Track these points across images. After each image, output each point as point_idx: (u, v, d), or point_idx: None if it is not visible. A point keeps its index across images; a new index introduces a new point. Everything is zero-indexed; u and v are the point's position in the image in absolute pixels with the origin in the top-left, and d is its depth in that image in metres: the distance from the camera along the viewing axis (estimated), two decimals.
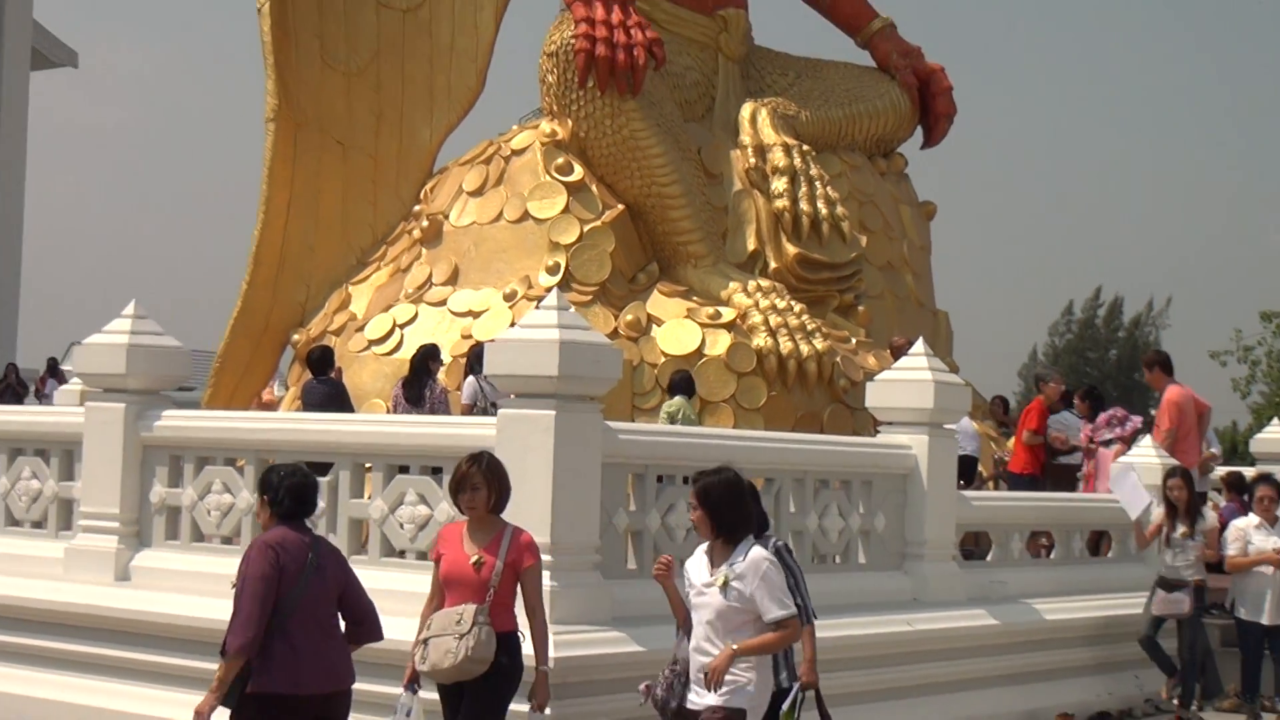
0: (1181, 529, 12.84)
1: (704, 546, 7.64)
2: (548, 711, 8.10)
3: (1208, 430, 17.73)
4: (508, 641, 7.89)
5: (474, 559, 7.95)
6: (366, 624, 7.82)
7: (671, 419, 13.28)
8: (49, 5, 36.75)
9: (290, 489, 7.63)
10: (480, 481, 8.09)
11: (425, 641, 7.88)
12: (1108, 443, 16.27)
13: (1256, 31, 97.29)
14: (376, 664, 8.90)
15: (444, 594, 8.06)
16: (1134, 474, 13.57)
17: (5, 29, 34.59)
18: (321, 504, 10.29)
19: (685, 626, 7.74)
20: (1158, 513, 13.15)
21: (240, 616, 7.33)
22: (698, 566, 7.59)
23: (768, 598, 7.36)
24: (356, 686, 7.88)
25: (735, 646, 7.33)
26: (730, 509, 7.54)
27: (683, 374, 13.93)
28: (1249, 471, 18.82)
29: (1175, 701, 13.22)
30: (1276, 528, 12.71)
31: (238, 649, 7.26)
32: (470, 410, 13.62)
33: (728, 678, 7.33)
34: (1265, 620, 12.63)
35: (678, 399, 13.71)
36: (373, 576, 10.31)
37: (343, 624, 7.75)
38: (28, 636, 11.41)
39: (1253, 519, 13.02)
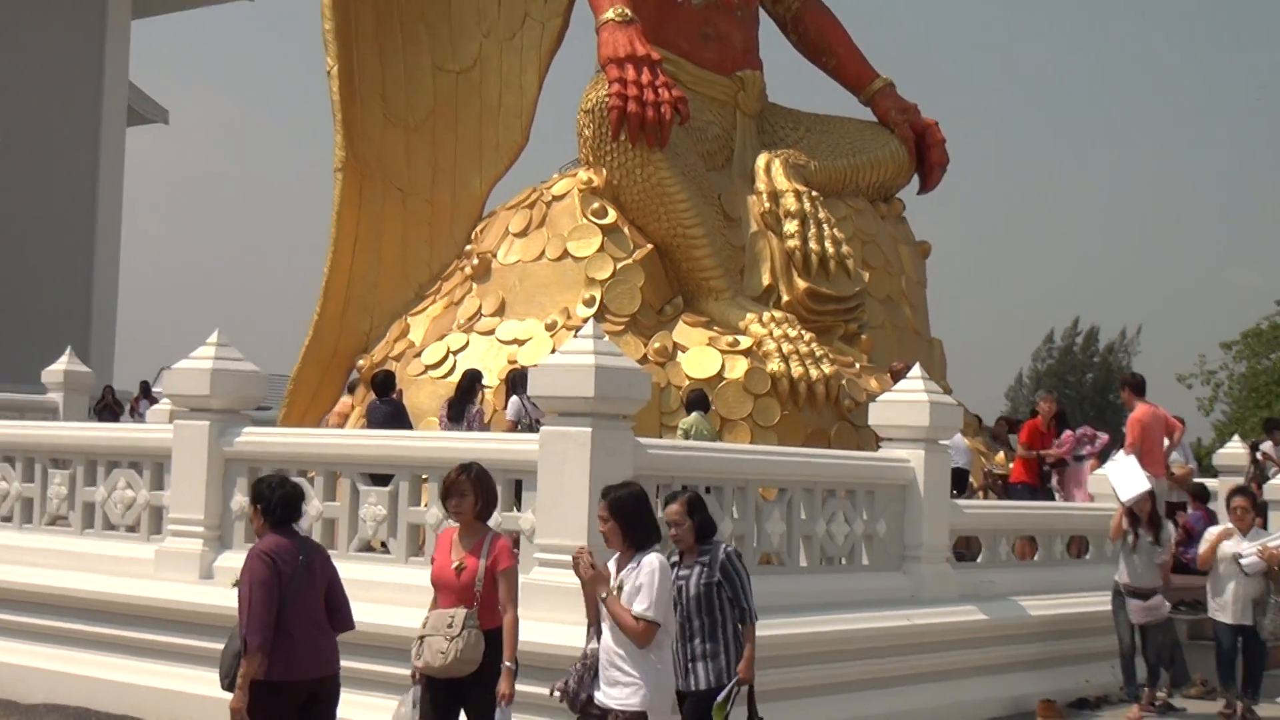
0: (1148, 538, 12.74)
1: (616, 556, 7.49)
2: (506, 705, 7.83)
3: (1182, 446, 17.69)
4: (497, 638, 7.78)
5: (455, 564, 7.89)
6: (342, 614, 7.94)
7: (686, 434, 13.26)
8: (143, 67, 36.85)
9: (281, 498, 7.83)
10: (468, 489, 7.95)
11: (421, 639, 7.84)
12: (1080, 458, 16.27)
13: (1220, 88, 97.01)
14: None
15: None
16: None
17: (105, 90, 34.72)
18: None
19: (595, 624, 7.52)
20: (1117, 518, 12.98)
21: (254, 620, 7.47)
22: (612, 570, 7.44)
23: (643, 593, 7.19)
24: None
25: (604, 595, 7.26)
26: (637, 521, 7.42)
27: (698, 393, 13.92)
28: (1212, 483, 18.75)
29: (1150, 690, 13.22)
30: (1250, 535, 12.48)
31: (258, 646, 7.44)
32: (514, 427, 13.63)
33: (626, 677, 7.24)
34: (1231, 620, 12.39)
35: (693, 415, 13.69)
36: (414, 572, 10.36)
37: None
38: (123, 629, 11.44)
39: (1227, 526, 12.82)
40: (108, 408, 24.31)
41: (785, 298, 15.10)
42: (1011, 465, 16.89)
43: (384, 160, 15.92)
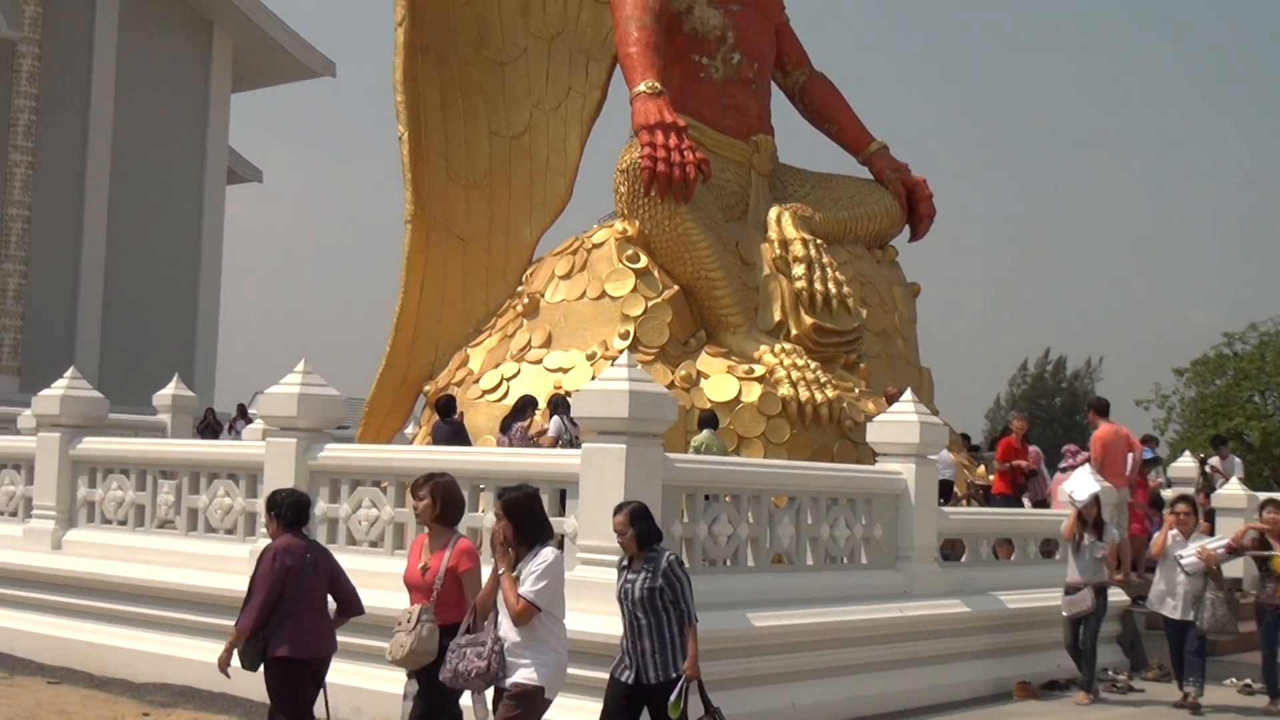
0: (1093, 538, 12.65)
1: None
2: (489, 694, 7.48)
3: (1141, 462, 17.65)
4: (453, 633, 7.47)
5: (420, 565, 7.83)
6: (352, 603, 8.32)
7: (698, 450, 13.22)
8: (241, 133, 37.09)
9: (291, 505, 8.23)
10: (425, 494, 7.84)
11: (393, 634, 7.80)
12: (1064, 470, 16.19)
13: (1173, 143, 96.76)
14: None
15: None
16: (1087, 471, 13.59)
17: (208, 153, 34.96)
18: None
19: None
20: (1077, 507, 12.84)
21: (253, 603, 7.90)
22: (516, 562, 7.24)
23: (532, 579, 7.03)
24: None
25: (501, 572, 7.14)
26: (529, 519, 7.25)
27: (708, 413, 13.92)
28: (1167, 493, 18.66)
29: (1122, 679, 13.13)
30: (1191, 538, 12.32)
31: (244, 627, 7.87)
32: (555, 443, 13.63)
33: (524, 659, 7.08)
34: (1176, 615, 12.19)
35: (705, 433, 13.67)
36: (483, 572, 10.35)
37: (333, 603, 8.27)
38: (221, 618, 11.44)
39: (1173, 531, 12.59)
40: (209, 427, 24.40)
41: (794, 331, 15.09)
42: (992, 478, 16.88)
43: (447, 213, 15.97)
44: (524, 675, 7.06)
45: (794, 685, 10.70)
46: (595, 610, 9.49)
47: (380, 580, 10.71)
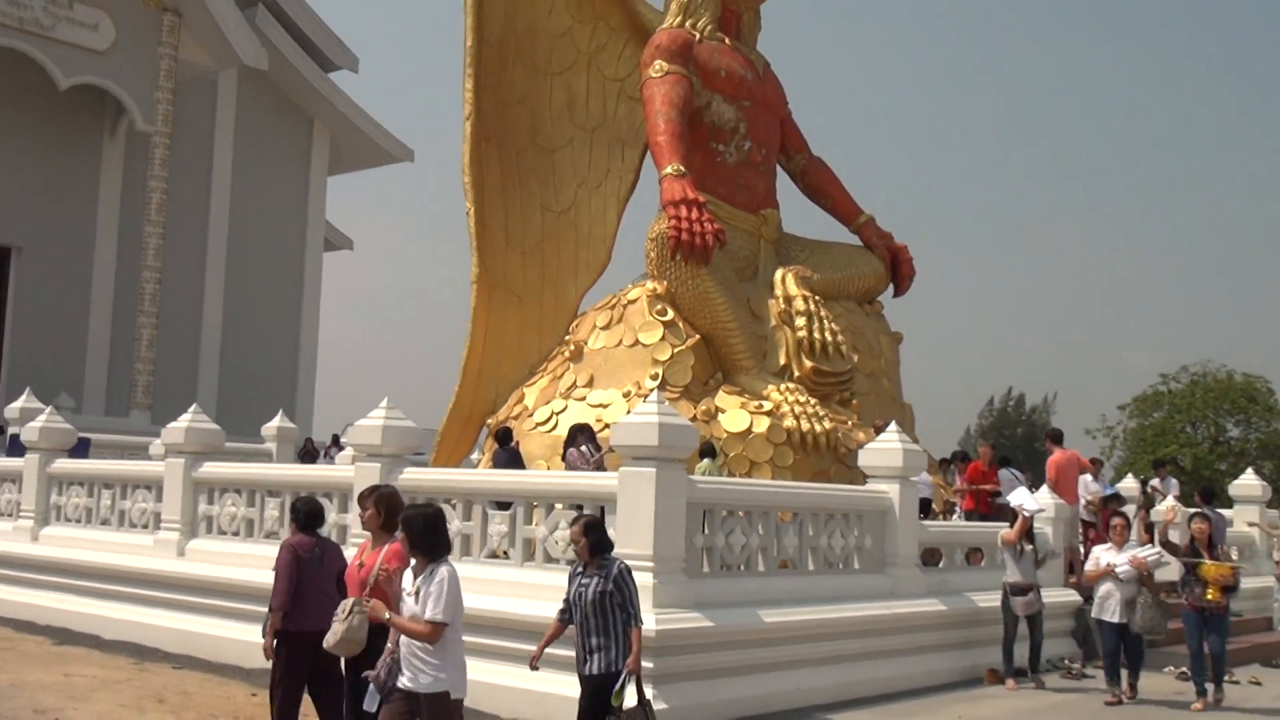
0: (1030, 547, 12.56)
1: (413, 564, 6.67)
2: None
3: (1102, 480, 17.59)
4: (384, 627, 6.91)
5: (359, 563, 7.65)
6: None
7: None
8: (335, 208, 37.42)
9: (305, 512, 8.47)
10: (370, 504, 7.69)
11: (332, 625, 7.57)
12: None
13: (1119, 209, 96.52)
14: (497, 628, 8.98)
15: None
16: (1025, 490, 13.63)
17: (308, 226, 35.26)
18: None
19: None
20: (1026, 518, 12.71)
21: (279, 587, 8.07)
22: (408, 576, 6.67)
23: (434, 600, 6.36)
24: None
25: (387, 616, 6.59)
26: (428, 534, 6.57)
27: (707, 444, 13.81)
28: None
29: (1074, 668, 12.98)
30: (1125, 548, 11.98)
31: (278, 606, 8.03)
32: (573, 467, 13.61)
33: (428, 666, 6.40)
34: (1115, 619, 11.74)
35: (705, 461, 13.60)
36: (535, 575, 10.34)
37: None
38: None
39: (1107, 544, 12.31)
40: (308, 453, 24.50)
41: (797, 373, 15.08)
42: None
43: (506, 274, 16.04)
44: (433, 684, 6.40)
45: (798, 671, 10.66)
46: None
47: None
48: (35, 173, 29.36)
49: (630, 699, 7.63)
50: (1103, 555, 12.09)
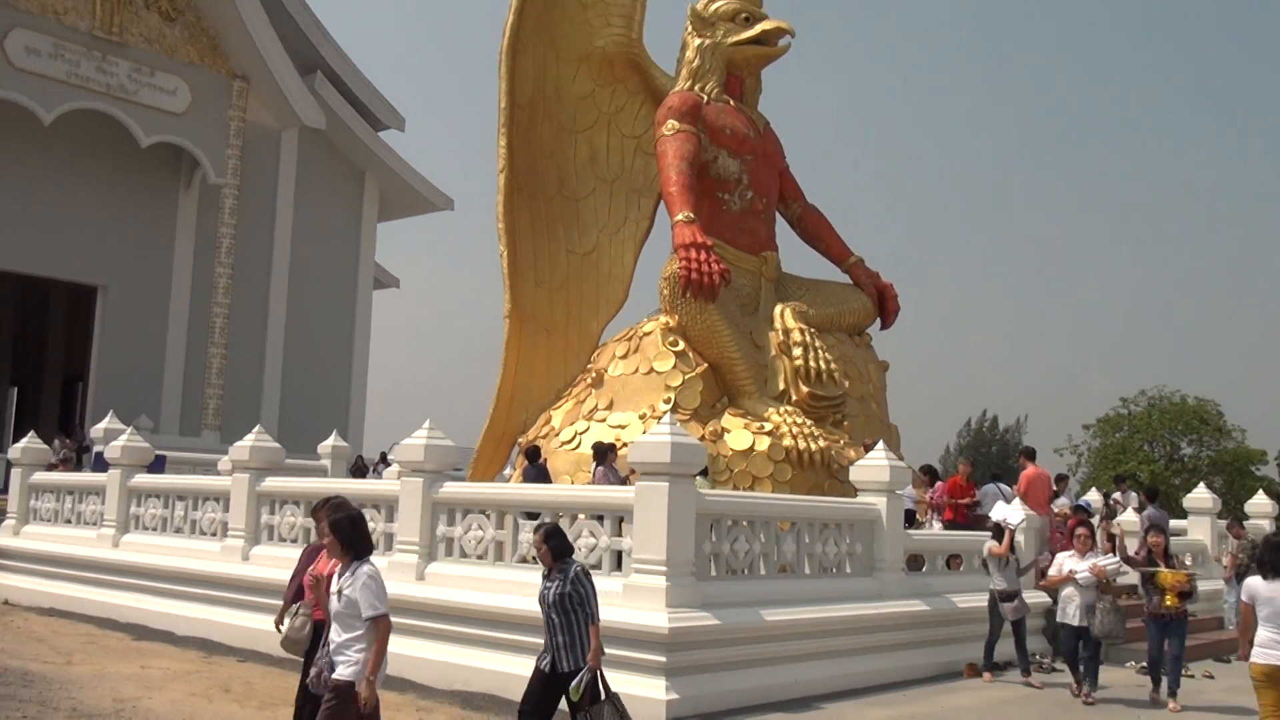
0: (1012, 557, 12.47)
1: (335, 564, 6.40)
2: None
3: (1069, 494, 17.46)
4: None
5: (311, 569, 7.34)
6: None
7: None
8: (384, 250, 37.61)
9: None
10: (322, 516, 7.17)
11: None
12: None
13: (1081, 248, 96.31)
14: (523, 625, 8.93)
15: None
16: (1019, 504, 13.50)
17: (359, 267, 35.43)
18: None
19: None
20: (1010, 530, 12.60)
21: (293, 584, 8.16)
22: (335, 576, 6.32)
23: (363, 601, 6.02)
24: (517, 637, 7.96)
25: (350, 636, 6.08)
26: (354, 535, 6.25)
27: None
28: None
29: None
30: (1087, 556, 11.61)
31: (287, 598, 8.08)
32: (601, 482, 13.58)
33: (345, 656, 6.03)
34: (1075, 622, 11.36)
35: (698, 478, 13.53)
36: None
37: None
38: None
39: (1070, 551, 11.90)
40: (358, 469, 24.54)
41: (794, 397, 15.03)
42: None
43: (535, 310, 16.07)
44: (341, 672, 6.05)
45: (796, 665, 10.60)
46: (644, 608, 9.46)
47: (485, 585, 10.72)
48: (119, 220, 29.60)
49: (599, 695, 7.39)
50: (1065, 561, 11.73)
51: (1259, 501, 20.75)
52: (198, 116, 29.23)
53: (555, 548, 7.61)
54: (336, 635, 6.11)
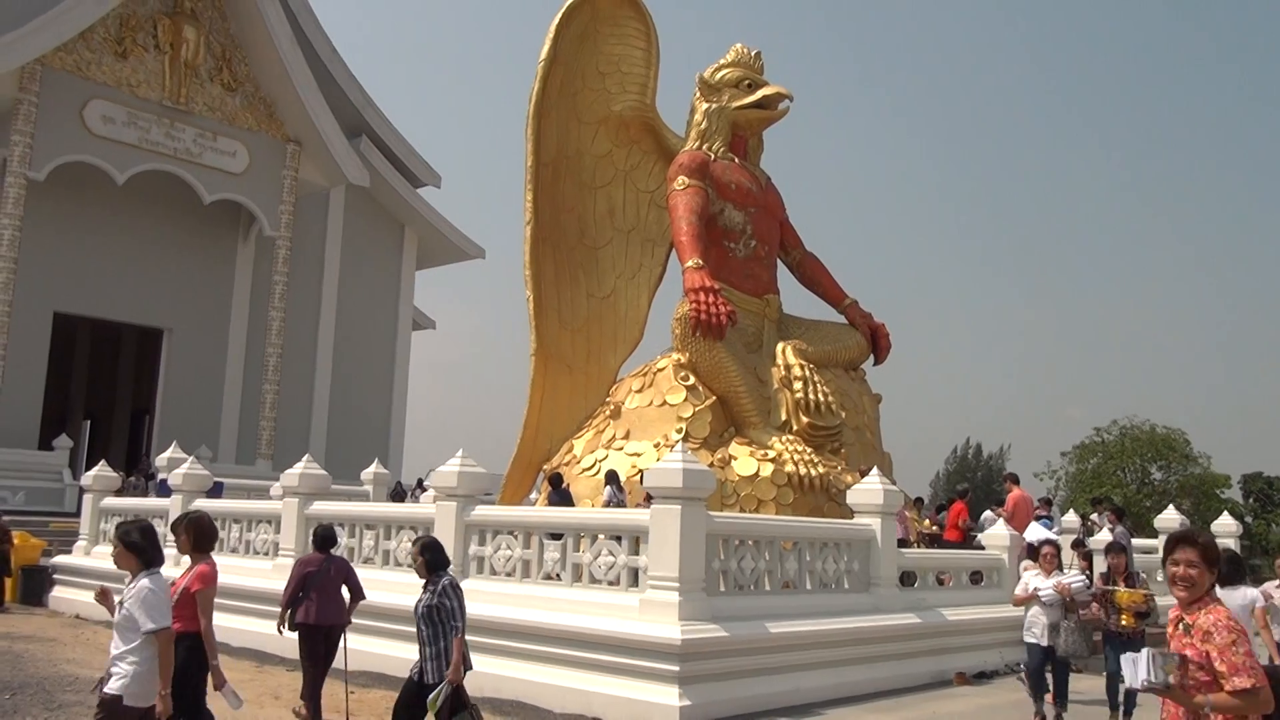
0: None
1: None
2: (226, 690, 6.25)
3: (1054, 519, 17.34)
4: (186, 639, 6.25)
5: (172, 581, 6.90)
6: (357, 593, 8.95)
7: None
8: (422, 294, 37.77)
9: (320, 537, 9.20)
10: (180, 530, 6.82)
11: None
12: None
13: (1054, 288, 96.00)
14: (552, 637, 8.84)
15: None
16: (1043, 528, 13.25)
17: (399, 310, 35.58)
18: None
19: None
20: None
21: (285, 593, 8.89)
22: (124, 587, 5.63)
23: (142, 614, 5.34)
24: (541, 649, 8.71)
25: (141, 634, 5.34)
26: (144, 545, 5.56)
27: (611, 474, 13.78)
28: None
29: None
30: (1053, 575, 10.40)
31: (282, 604, 8.84)
32: (608, 504, 13.56)
33: (116, 669, 5.35)
34: (1042, 641, 10.16)
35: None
36: (582, 594, 10.23)
37: (348, 593, 8.95)
38: (407, 625, 11.34)
39: (1036, 570, 10.63)
40: (397, 494, 24.53)
41: (795, 427, 14.97)
42: (934, 529, 16.58)
43: (559, 349, 16.10)
44: (111, 685, 5.37)
45: (798, 674, 10.47)
46: (659, 621, 9.37)
47: (513, 600, 10.65)
48: (183, 269, 29.83)
49: (460, 706, 6.80)
50: (1031, 580, 10.57)
51: (1224, 522, 20.56)
52: (255, 176, 29.50)
53: (430, 560, 7.06)
54: (115, 647, 5.44)
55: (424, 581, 7.10)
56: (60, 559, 17.64)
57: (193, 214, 29.58)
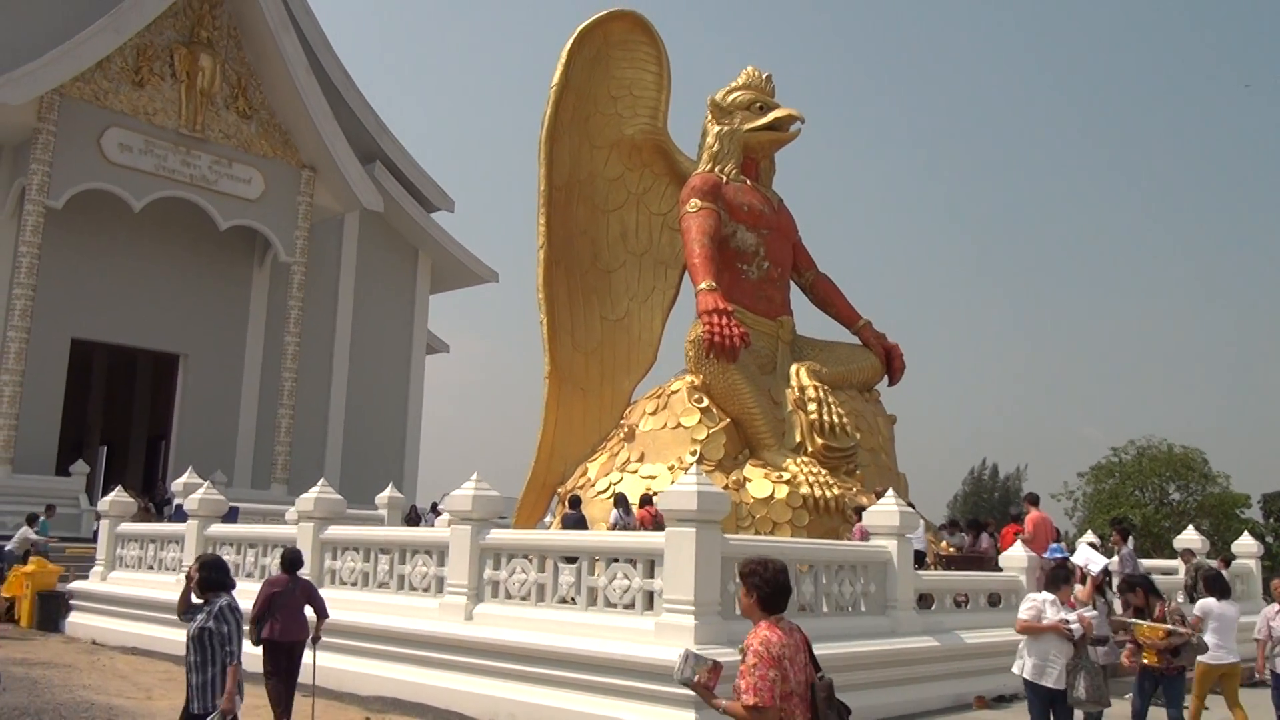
0: (1102, 601, 11.49)
1: None
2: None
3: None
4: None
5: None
6: (321, 612, 9.41)
7: None
8: (436, 319, 37.85)
9: (287, 559, 9.66)
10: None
11: None
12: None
13: (1073, 308, 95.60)
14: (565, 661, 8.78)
15: None
16: (1092, 549, 13.03)
17: (413, 334, 35.67)
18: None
19: None
20: (1093, 578, 11.76)
21: (254, 609, 9.12)
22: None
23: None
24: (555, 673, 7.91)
25: None
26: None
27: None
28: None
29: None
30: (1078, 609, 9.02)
31: (251, 623, 8.92)
32: (613, 527, 13.51)
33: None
34: (1056, 685, 8.32)
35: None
36: (598, 618, 10.17)
37: (312, 612, 9.37)
38: (419, 650, 11.29)
39: (1049, 596, 8.71)
40: (412, 518, 24.51)
41: (810, 449, 14.93)
42: (951, 549, 16.44)
43: (572, 372, 16.11)
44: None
45: None
46: (674, 644, 9.30)
47: (527, 623, 10.60)
48: (199, 295, 30.01)
49: None
50: (1047, 608, 8.61)
51: (1244, 542, 20.34)
52: (270, 202, 29.71)
53: (206, 579, 6.38)
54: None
55: (200, 602, 6.42)
56: (77, 584, 17.67)
57: (208, 240, 29.79)
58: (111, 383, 35.25)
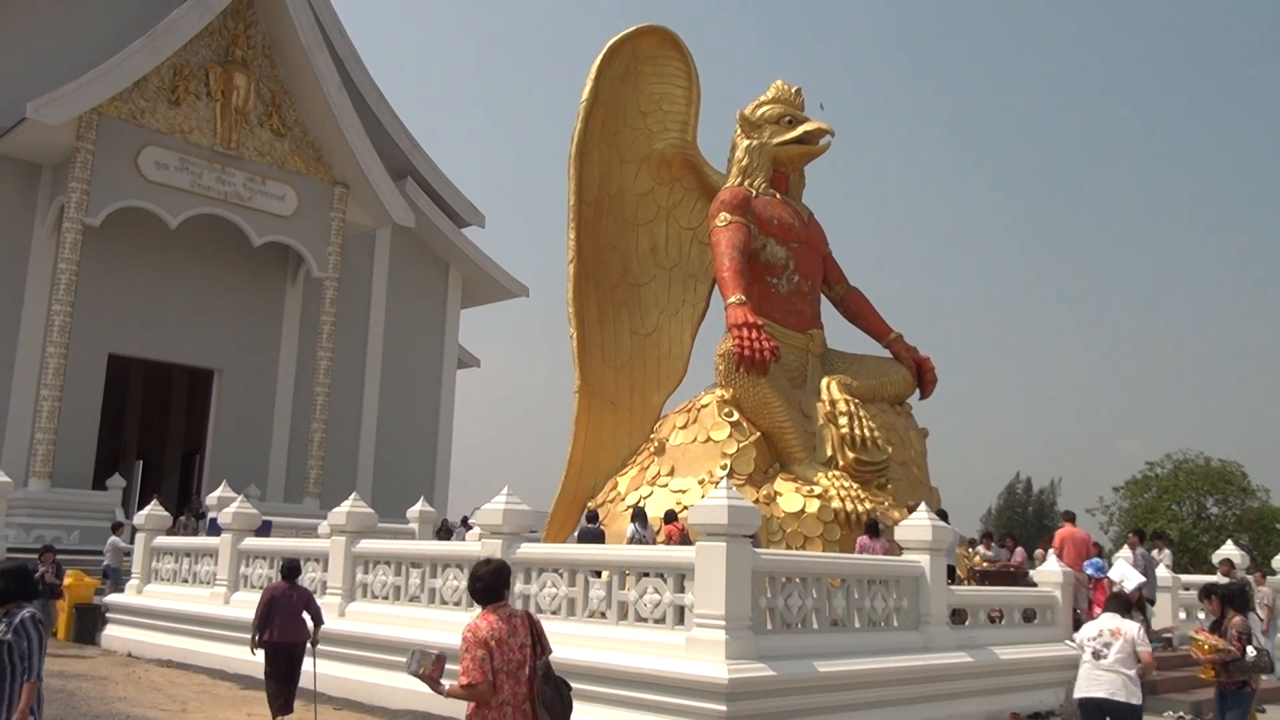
0: (1141, 618, 11.10)
1: None
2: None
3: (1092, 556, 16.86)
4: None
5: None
6: (317, 619, 10.26)
7: None
8: (467, 334, 38.01)
9: (285, 568, 10.56)
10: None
11: None
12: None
13: (1111, 317, 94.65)
14: (594, 675, 8.72)
15: None
16: (1128, 563, 12.88)
17: (444, 349, 35.85)
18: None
19: None
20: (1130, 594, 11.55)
21: (255, 617, 10.20)
22: None
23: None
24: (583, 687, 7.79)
25: None
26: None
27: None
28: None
29: None
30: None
31: (254, 628, 10.15)
32: (630, 542, 13.49)
33: None
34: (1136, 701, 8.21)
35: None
36: (628, 633, 10.15)
37: (310, 618, 10.25)
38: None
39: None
40: (443, 532, 24.57)
41: (841, 463, 14.86)
42: (984, 563, 16.31)
43: (603, 386, 16.13)
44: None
45: (848, 714, 10.29)
46: (705, 660, 9.28)
47: (559, 638, 10.55)
48: (233, 310, 30.34)
49: None
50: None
51: None
52: (303, 219, 30.01)
53: (4, 590, 5.71)
54: None
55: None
56: (113, 598, 17.87)
57: (242, 257, 30.13)
58: (147, 398, 35.67)
